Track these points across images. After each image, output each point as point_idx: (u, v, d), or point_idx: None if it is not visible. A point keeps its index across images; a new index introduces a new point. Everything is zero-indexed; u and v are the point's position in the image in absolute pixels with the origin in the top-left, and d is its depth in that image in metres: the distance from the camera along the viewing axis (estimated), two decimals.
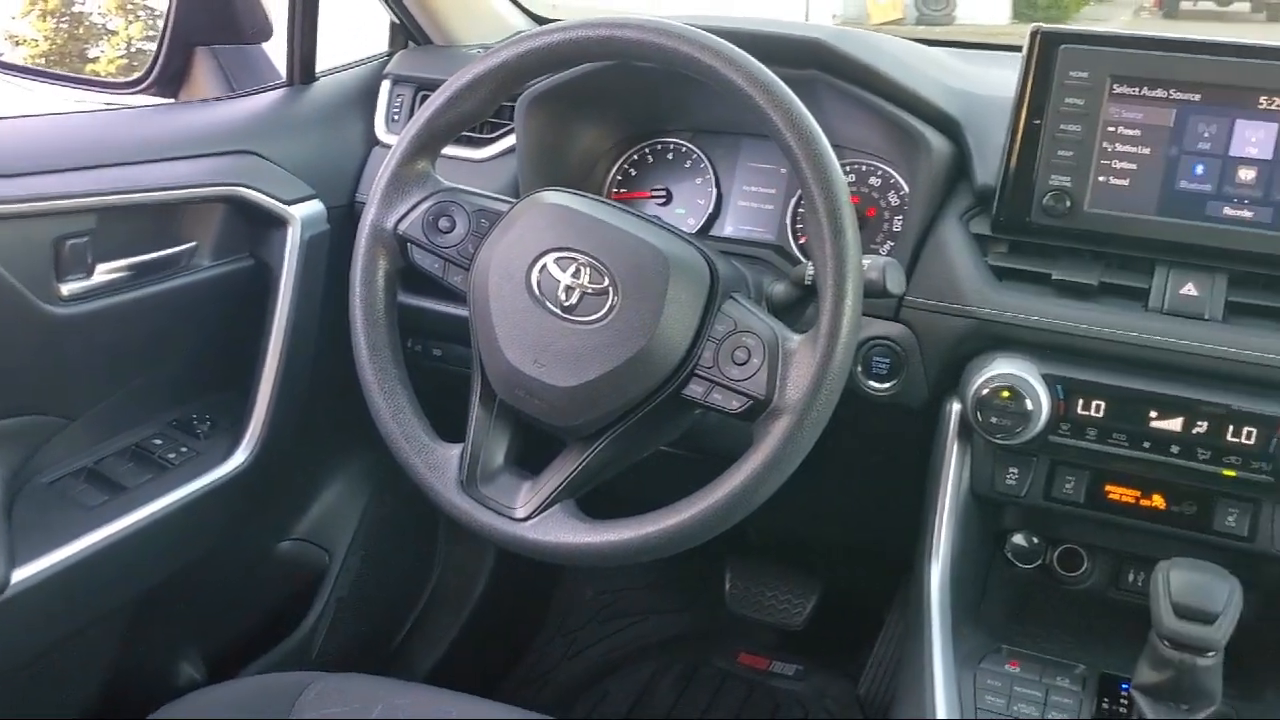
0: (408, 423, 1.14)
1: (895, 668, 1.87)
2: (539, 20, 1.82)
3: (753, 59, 1.02)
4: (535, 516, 1.08)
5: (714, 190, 1.45)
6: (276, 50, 1.63)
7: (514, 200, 1.15)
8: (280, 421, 1.47)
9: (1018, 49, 1.20)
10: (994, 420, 1.16)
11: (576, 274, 1.06)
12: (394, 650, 1.98)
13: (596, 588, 2.22)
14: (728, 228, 1.45)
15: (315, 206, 1.49)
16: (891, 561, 1.44)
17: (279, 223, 1.45)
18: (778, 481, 1.01)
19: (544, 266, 1.07)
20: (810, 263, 1.07)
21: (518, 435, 1.15)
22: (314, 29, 1.59)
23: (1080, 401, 1.16)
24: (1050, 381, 1.16)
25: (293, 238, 1.45)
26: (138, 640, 1.49)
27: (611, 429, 1.07)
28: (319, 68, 1.63)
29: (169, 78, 1.59)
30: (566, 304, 1.06)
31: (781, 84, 1.01)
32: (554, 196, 1.13)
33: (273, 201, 1.44)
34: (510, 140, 1.49)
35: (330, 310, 1.46)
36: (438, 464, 1.13)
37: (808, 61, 1.30)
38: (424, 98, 1.58)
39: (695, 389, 1.05)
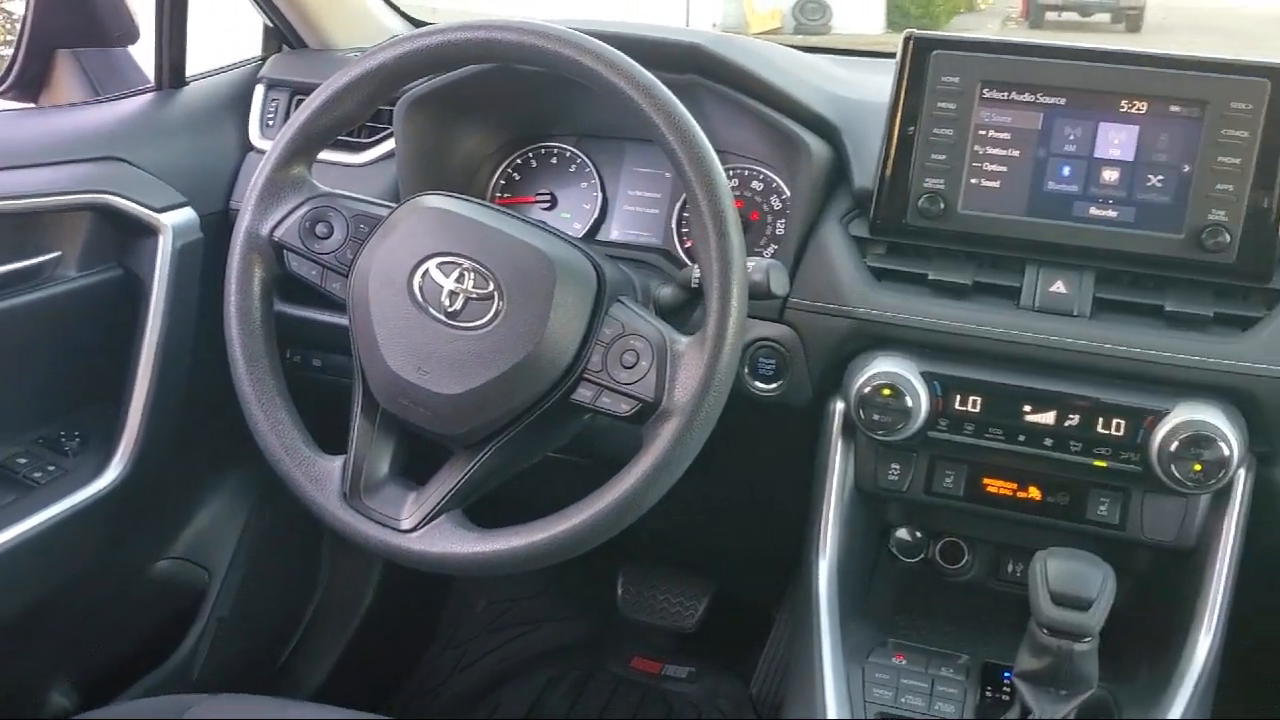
0: (287, 435, 1.11)
1: (786, 665, 1.89)
2: (417, 24, 1.79)
3: (634, 62, 1.02)
4: (421, 527, 1.06)
5: (599, 195, 1.44)
6: (144, 54, 1.58)
7: (394, 205, 1.13)
8: (154, 436, 1.42)
9: (892, 55, 1.23)
10: (876, 418, 1.18)
11: (460, 279, 1.05)
12: (279, 668, 1.92)
13: (487, 598, 2.20)
14: (614, 232, 1.45)
15: (187, 214, 1.44)
16: (781, 560, 1.46)
17: (149, 231, 1.40)
18: (667, 483, 1.01)
19: (426, 272, 1.06)
20: (696, 266, 1.07)
21: (402, 445, 1.13)
22: (183, 32, 1.55)
23: (957, 398, 1.19)
24: (929, 379, 1.19)
25: (164, 246, 1.40)
26: (2, 670, 1.42)
27: (499, 436, 1.06)
28: (189, 72, 1.58)
29: (28, 81, 1.53)
30: (450, 310, 1.04)
31: (663, 88, 1.02)
32: (435, 200, 1.11)
33: (141, 209, 1.39)
34: (390, 145, 1.47)
35: (205, 321, 1.41)
36: (319, 476, 1.10)
37: (687, 66, 1.31)
38: (300, 102, 1.55)
39: (584, 393, 1.05)
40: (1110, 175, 1.17)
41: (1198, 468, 1.10)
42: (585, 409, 1.05)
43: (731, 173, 1.37)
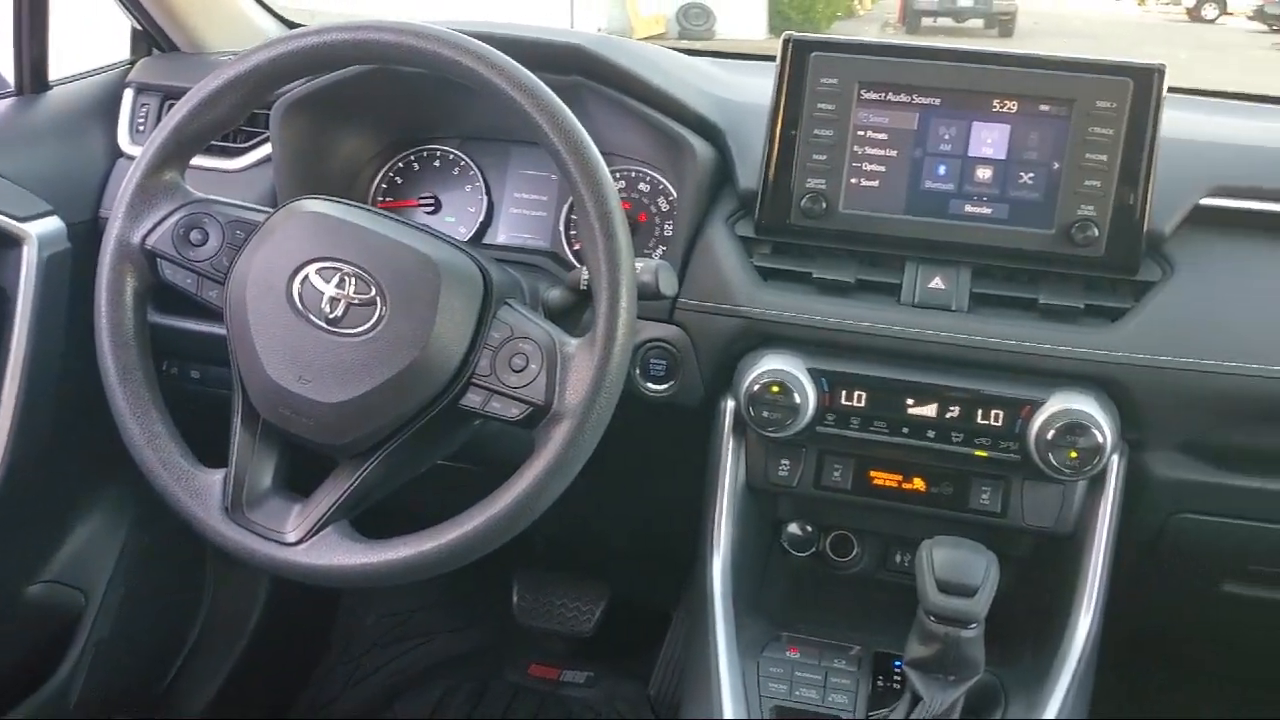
0: (165, 449, 1.08)
1: (683, 664, 1.90)
2: (291, 26, 1.75)
3: (516, 64, 1.02)
4: (307, 540, 1.04)
5: (484, 198, 1.43)
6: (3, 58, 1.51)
7: (271, 210, 1.11)
8: (23, 454, 1.36)
9: (774, 58, 1.25)
10: (765, 415, 1.19)
11: (341, 284, 1.02)
12: (163, 692, 1.86)
13: (379, 610, 2.16)
14: (501, 235, 1.43)
15: (54, 223, 1.39)
16: (677, 560, 1.46)
17: (12, 242, 1.34)
18: (560, 487, 1.01)
19: (306, 278, 1.03)
20: (585, 268, 1.07)
21: (285, 456, 1.10)
22: (44, 34, 1.49)
23: (844, 393, 1.21)
24: (815, 375, 1.20)
25: (29, 257, 1.34)
26: None
27: (385, 445, 1.04)
28: (52, 76, 1.52)
29: None
30: (331, 316, 1.02)
31: (547, 89, 1.01)
32: (314, 205, 1.09)
33: (3, 219, 1.33)
34: (266, 149, 1.43)
35: (76, 333, 1.35)
36: (200, 490, 1.07)
37: (570, 67, 1.30)
38: (171, 107, 1.50)
39: (473, 398, 1.03)
40: (984, 173, 1.21)
41: (1074, 455, 1.14)
42: (474, 414, 1.04)
43: (618, 175, 1.37)
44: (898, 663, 1.18)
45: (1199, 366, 1.18)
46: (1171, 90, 1.18)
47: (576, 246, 1.39)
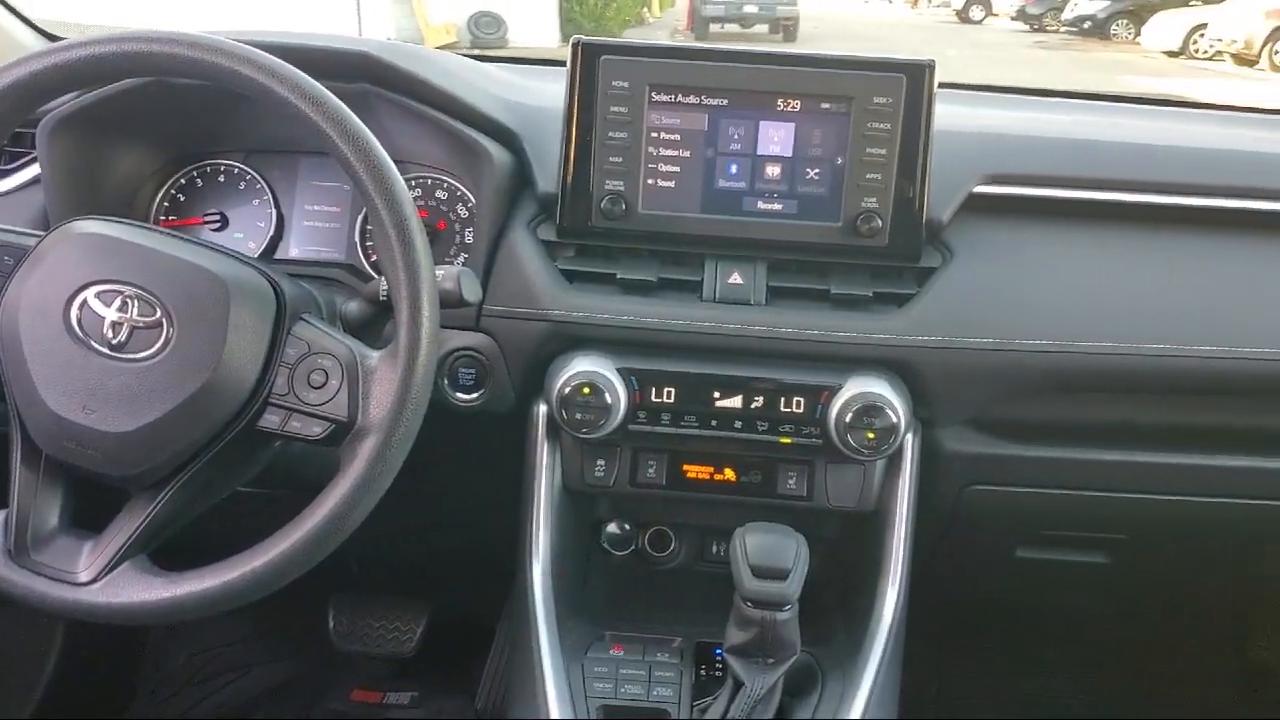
0: None
1: (507, 672, 1.88)
2: (53, 39, 1.65)
3: (300, 73, 0.99)
4: (102, 578, 0.98)
5: (273, 211, 1.38)
6: None
7: (42, 233, 1.04)
8: None
9: (565, 64, 1.25)
10: (578, 416, 1.20)
11: (123, 307, 0.97)
12: None
13: (190, 648, 2.06)
14: (293, 249, 1.39)
15: None
16: (498, 570, 1.45)
17: None
18: (370, 504, 0.98)
19: (84, 302, 0.98)
20: (383, 278, 1.05)
21: (73, 492, 1.04)
22: None
23: (653, 390, 1.23)
24: (625, 374, 1.22)
25: None
26: None
27: (181, 473, 1.00)
28: None
29: None
30: (114, 341, 0.97)
31: (333, 98, 0.99)
32: (90, 225, 1.03)
33: None
34: (34, 170, 1.34)
35: None
36: None
37: (358, 75, 1.28)
38: None
39: (271, 419, 1.00)
40: (773, 171, 1.24)
41: (871, 436, 1.19)
42: (274, 435, 1.01)
43: (413, 182, 1.35)
44: (719, 650, 1.20)
45: (980, 345, 1.25)
46: (943, 86, 1.24)
47: (374, 257, 1.36)
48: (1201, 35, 16.09)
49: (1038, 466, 1.35)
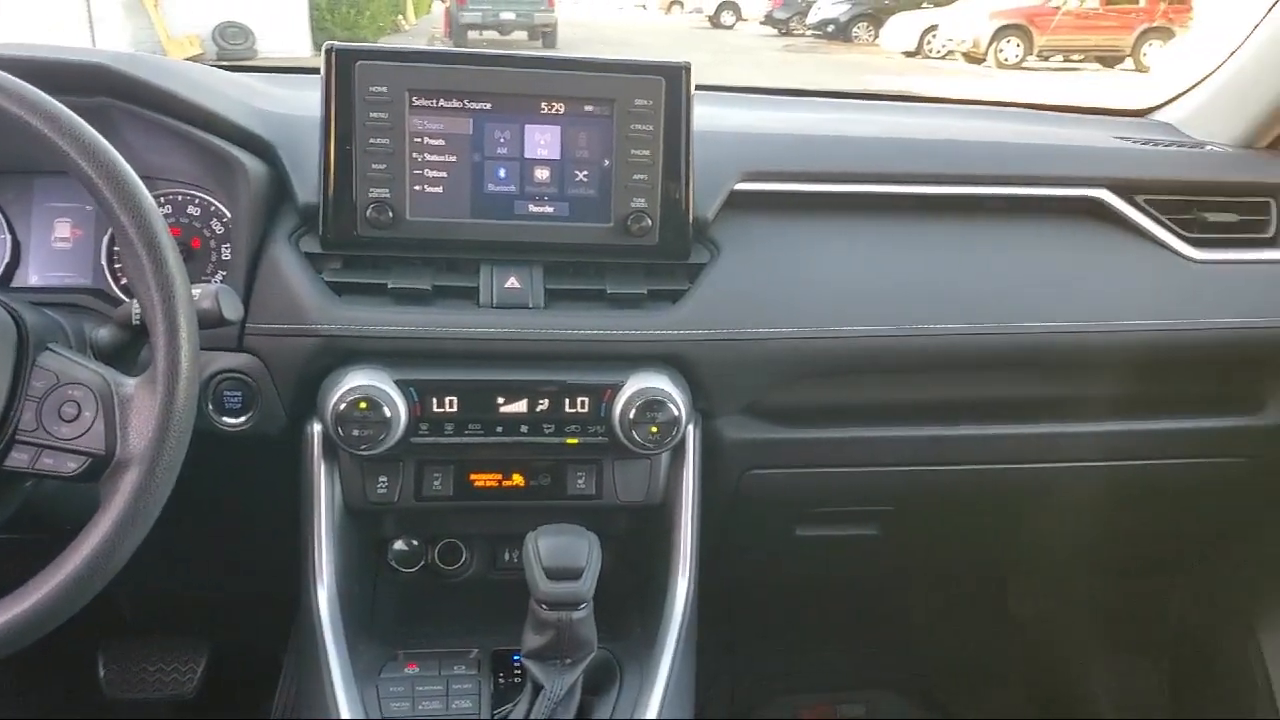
0: None
1: (297, 703, 1.82)
2: None
3: (30, 86, 0.92)
4: None
5: (7, 237, 1.28)
6: None
7: None
8: None
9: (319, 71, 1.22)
10: (356, 433, 1.16)
11: None
12: None
13: None
14: (33, 277, 1.29)
15: None
16: (281, 598, 1.39)
17: None
18: (135, 540, 0.93)
19: None
20: (135, 301, 0.99)
21: None
22: None
23: (434, 400, 1.21)
24: (404, 386, 1.19)
25: None
26: None
27: None
28: None
29: None
30: None
31: (70, 113, 0.93)
32: None
33: None
34: None
35: None
36: None
37: (95, 88, 1.20)
38: None
39: (19, 457, 0.93)
40: (542, 174, 1.25)
41: (654, 430, 1.21)
42: (24, 475, 0.94)
43: (163, 199, 1.28)
44: (516, 656, 1.20)
45: (750, 335, 1.29)
46: (700, 88, 1.28)
47: (124, 280, 1.28)
48: (934, 36, 17.21)
49: (810, 448, 1.41)
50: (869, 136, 1.49)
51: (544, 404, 1.23)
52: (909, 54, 17.45)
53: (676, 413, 1.21)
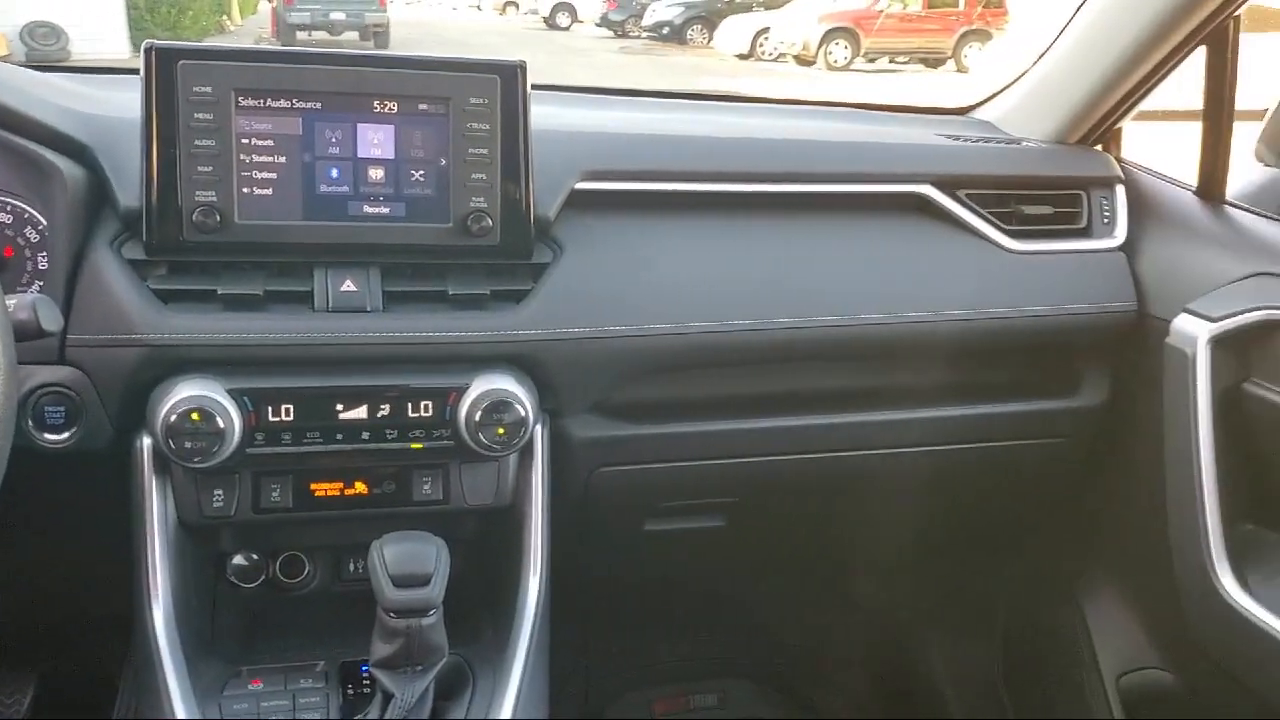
0: None
1: None
2: None
3: None
4: None
5: None
6: None
7: None
8: None
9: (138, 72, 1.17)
10: (188, 445, 1.12)
11: None
12: None
13: None
14: None
15: None
16: (116, 619, 1.33)
17: None
18: None
19: None
20: None
21: None
22: None
23: (270, 409, 1.18)
24: (237, 395, 1.15)
25: None
26: None
27: None
28: None
29: None
30: None
31: None
32: None
33: None
34: None
35: None
36: None
37: None
38: None
39: None
40: (376, 174, 1.22)
41: (501, 431, 1.21)
42: None
43: None
44: (365, 667, 1.17)
45: (595, 334, 1.30)
46: (538, 87, 1.28)
47: None
48: (766, 39, 17.62)
49: (656, 443, 1.43)
50: (706, 136, 1.52)
51: (385, 409, 1.21)
52: (742, 56, 17.83)
53: (523, 413, 1.21)
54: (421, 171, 1.23)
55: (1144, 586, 1.67)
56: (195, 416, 1.12)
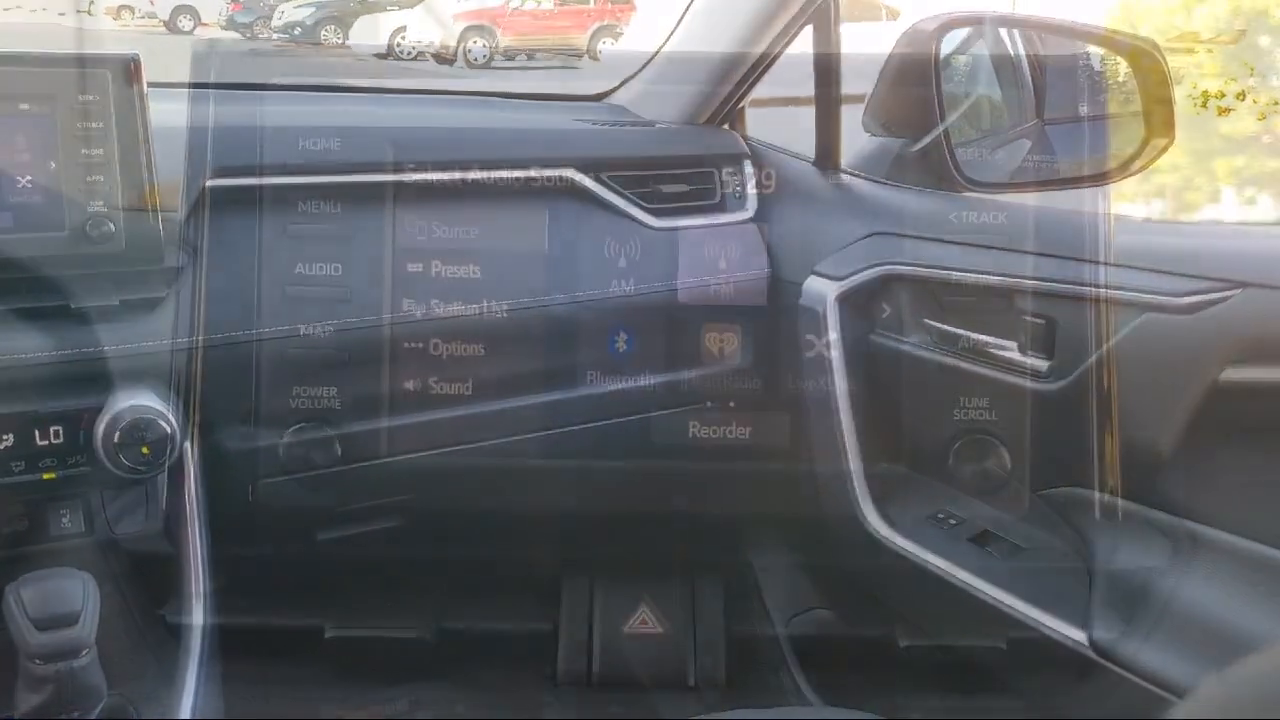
0: None
1: None
2: None
3: None
4: None
5: None
6: None
7: None
8: None
9: None
10: None
11: None
12: None
13: None
14: None
15: None
16: None
17: None
18: None
19: None
20: None
21: None
22: None
23: None
24: None
25: None
26: None
27: None
28: None
29: None
30: None
31: None
32: None
33: None
34: None
35: None
36: None
37: None
38: None
39: None
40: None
41: (146, 451, 1.12)
42: None
43: None
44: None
45: (239, 338, 1.24)
46: (162, 85, 1.21)
47: None
48: (404, 38, 17.40)
49: (319, 446, 1.38)
50: (351, 127, 1.48)
51: (9, 440, 1.10)
52: (381, 56, 17.50)
53: (168, 429, 1.13)
54: (29, 177, 1.13)
55: (802, 532, 1.79)
56: None
